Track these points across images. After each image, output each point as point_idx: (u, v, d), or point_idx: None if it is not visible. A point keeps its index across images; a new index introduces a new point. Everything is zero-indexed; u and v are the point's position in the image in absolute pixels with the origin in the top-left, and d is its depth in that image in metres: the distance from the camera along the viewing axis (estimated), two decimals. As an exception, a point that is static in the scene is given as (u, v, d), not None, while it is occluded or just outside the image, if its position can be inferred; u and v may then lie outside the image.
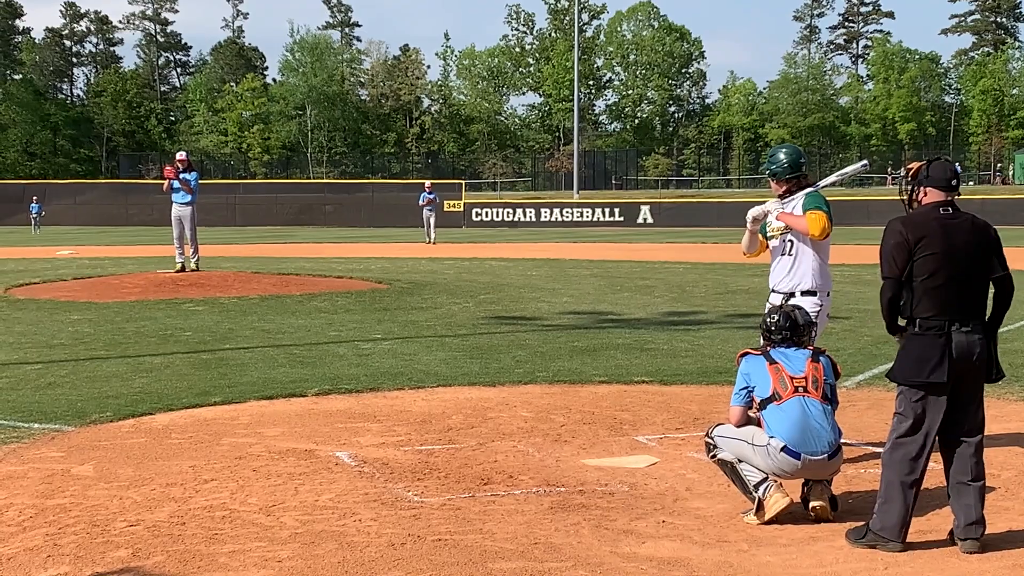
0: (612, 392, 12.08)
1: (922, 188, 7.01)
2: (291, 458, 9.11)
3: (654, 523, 7.41)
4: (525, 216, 67.06)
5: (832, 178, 9.25)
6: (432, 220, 46.65)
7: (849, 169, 9.33)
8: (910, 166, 7.19)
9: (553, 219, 66.58)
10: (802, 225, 8.68)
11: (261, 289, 23.02)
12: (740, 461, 7.45)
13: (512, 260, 34.29)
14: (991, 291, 7.00)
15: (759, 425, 7.55)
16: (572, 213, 67.36)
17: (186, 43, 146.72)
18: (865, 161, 9.95)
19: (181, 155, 25.68)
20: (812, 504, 7.41)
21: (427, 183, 49.60)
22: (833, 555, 6.78)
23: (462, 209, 66.42)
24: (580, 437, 9.92)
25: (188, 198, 24.89)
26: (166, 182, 25.13)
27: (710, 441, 7.67)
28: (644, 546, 6.94)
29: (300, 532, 7.17)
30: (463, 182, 77.47)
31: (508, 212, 67.62)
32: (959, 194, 7.04)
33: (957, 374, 6.77)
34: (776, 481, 7.38)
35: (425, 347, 15.42)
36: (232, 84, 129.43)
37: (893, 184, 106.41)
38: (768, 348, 7.69)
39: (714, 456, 7.63)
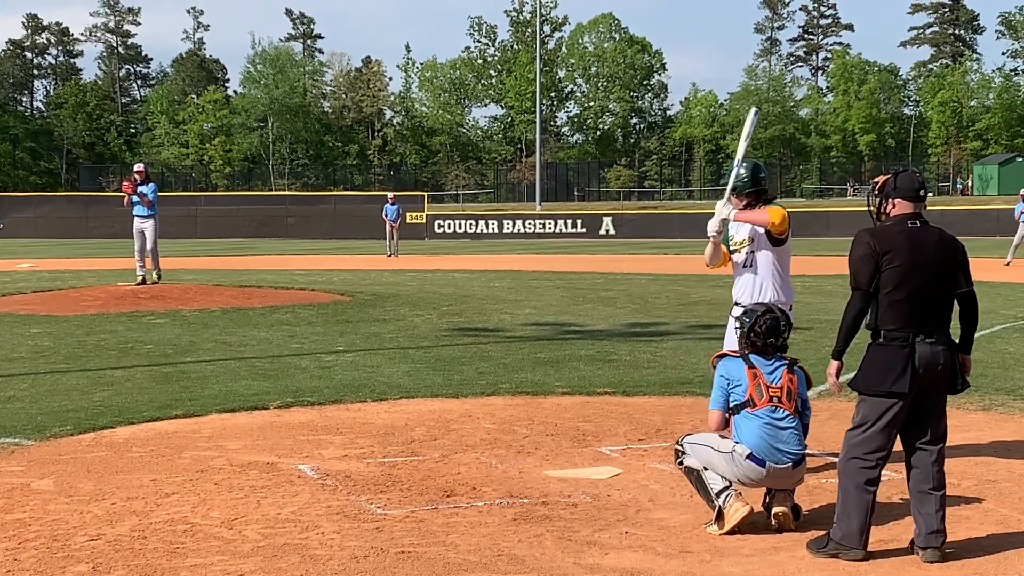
0: (575, 403, 12.10)
1: (890, 200, 7.08)
2: (253, 471, 9.08)
3: (617, 534, 7.42)
4: (487, 228, 66.94)
5: (742, 145, 9.14)
6: (396, 233, 46.51)
7: (746, 127, 9.24)
8: (877, 179, 7.27)
9: (515, 231, 66.52)
10: (762, 217, 8.72)
11: (223, 302, 22.91)
12: (706, 469, 7.48)
13: (475, 272, 34.27)
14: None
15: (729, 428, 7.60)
16: (534, 225, 67.30)
17: (147, 55, 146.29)
18: (755, 109, 9.92)
19: (139, 167, 25.57)
20: (775, 511, 7.43)
21: (390, 195, 49.39)
22: (795, 565, 6.81)
23: (424, 221, 66.31)
24: (543, 448, 9.93)
25: (148, 211, 24.75)
26: (126, 196, 25.00)
27: (679, 448, 7.69)
28: (607, 557, 6.96)
29: (262, 546, 7.14)
30: (425, 194, 77.34)
31: (470, 224, 67.48)
32: (926, 205, 7.11)
33: (920, 384, 6.84)
34: (737, 491, 7.41)
35: (388, 359, 15.40)
36: (194, 96, 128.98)
37: (854, 195, 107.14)
38: (746, 352, 7.71)
39: (681, 463, 7.64)
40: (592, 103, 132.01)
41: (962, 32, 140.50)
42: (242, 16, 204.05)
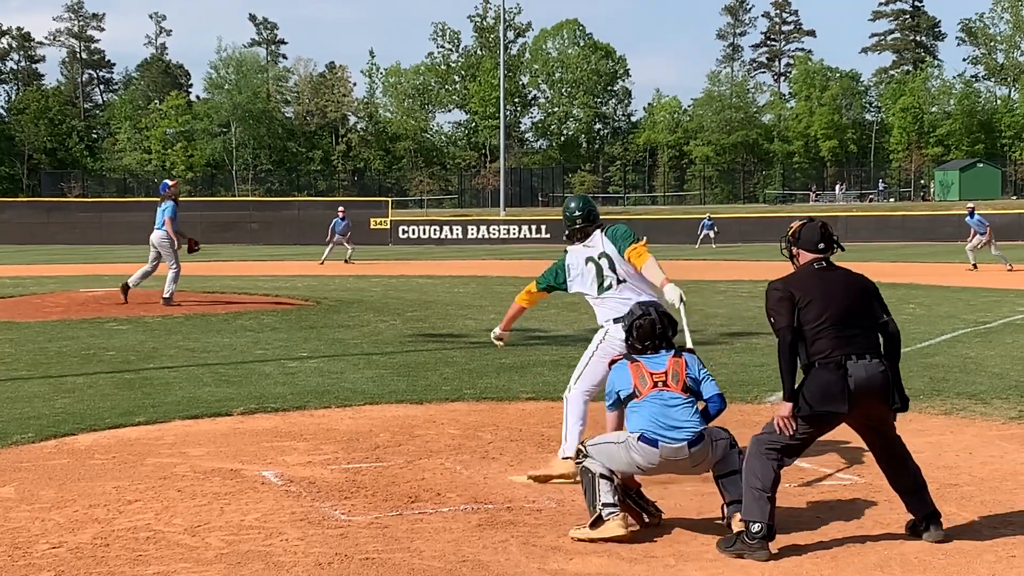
0: (539, 409, 12.10)
1: (797, 249, 7.46)
2: (216, 478, 9.04)
3: (582, 539, 7.42)
4: (452, 233, 66.94)
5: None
6: (347, 241, 46.41)
7: (683, 318, 8.94)
8: (792, 225, 7.60)
9: (480, 236, 66.54)
10: (649, 272, 8.84)
11: (186, 307, 22.81)
12: (602, 477, 7.44)
13: (439, 277, 34.26)
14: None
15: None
16: (499, 230, 67.33)
17: (110, 60, 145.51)
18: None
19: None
20: (733, 524, 7.36)
21: (340, 210, 49.25)
22: (759, 569, 6.83)
23: (388, 227, 66.21)
24: (507, 454, 9.94)
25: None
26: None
27: (581, 448, 7.68)
28: (572, 562, 6.96)
29: (226, 552, 7.11)
30: (389, 199, 77.28)
31: (435, 229, 67.43)
32: (833, 253, 7.42)
33: (860, 403, 7.05)
34: (624, 512, 7.38)
35: (352, 365, 15.36)
36: (157, 101, 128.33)
37: (816, 201, 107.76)
38: (631, 351, 7.83)
39: (579, 463, 7.63)
40: (556, 109, 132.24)
41: (923, 38, 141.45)
42: (205, 22, 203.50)
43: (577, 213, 9.22)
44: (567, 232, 9.33)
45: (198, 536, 7.46)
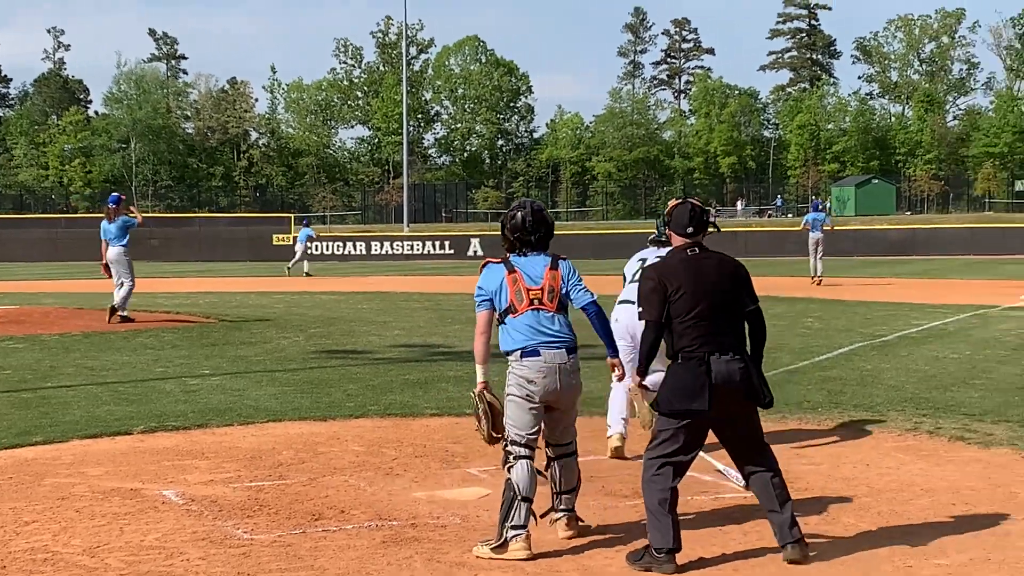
0: (444, 425, 12.11)
1: (669, 231, 7.47)
2: (116, 498, 8.92)
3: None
4: (355, 249, 66.56)
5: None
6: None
7: None
8: (669, 203, 7.62)
9: (384, 252, 66.26)
10: None
11: (84, 325, 22.48)
12: (524, 499, 7.39)
13: (342, 294, 34.09)
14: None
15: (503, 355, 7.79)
16: (402, 246, 67.13)
17: (6, 75, 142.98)
18: None
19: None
20: (562, 536, 7.56)
21: (305, 221, 50.08)
22: (662, 582, 6.89)
23: (292, 243, 65.75)
24: (412, 470, 9.92)
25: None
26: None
27: (509, 450, 7.63)
28: (476, 578, 6.97)
29: (125, 573, 7.03)
30: (292, 216, 76.80)
31: (338, 245, 66.99)
32: (707, 234, 7.42)
33: (721, 401, 7.06)
34: (528, 533, 7.34)
35: (254, 382, 15.25)
36: (55, 117, 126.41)
37: (716, 217, 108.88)
38: (508, 255, 7.83)
39: (510, 467, 7.60)
40: (459, 125, 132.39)
41: (819, 56, 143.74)
42: (104, 36, 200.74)
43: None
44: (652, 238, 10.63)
45: (97, 557, 7.37)
